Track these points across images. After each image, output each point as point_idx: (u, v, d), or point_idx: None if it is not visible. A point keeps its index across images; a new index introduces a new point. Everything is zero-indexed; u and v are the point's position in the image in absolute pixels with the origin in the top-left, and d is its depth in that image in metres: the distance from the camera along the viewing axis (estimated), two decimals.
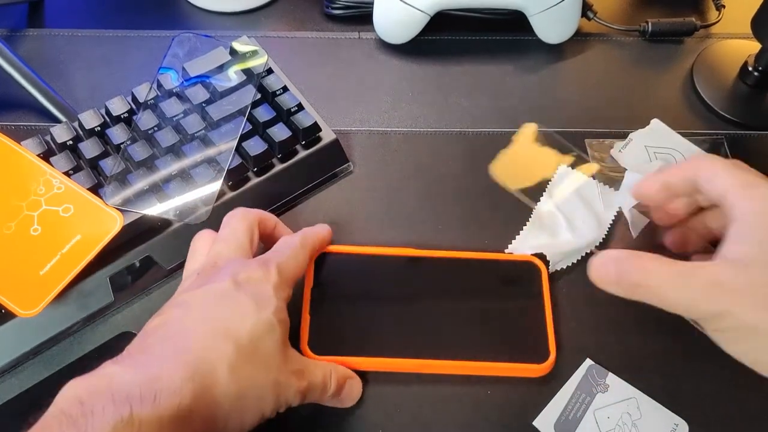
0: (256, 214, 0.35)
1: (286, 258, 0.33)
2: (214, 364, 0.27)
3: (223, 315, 0.29)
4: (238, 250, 0.33)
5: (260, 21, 0.51)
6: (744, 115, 0.46)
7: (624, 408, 0.34)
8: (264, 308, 0.30)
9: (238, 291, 0.30)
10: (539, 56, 0.50)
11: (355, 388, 0.34)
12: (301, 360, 0.31)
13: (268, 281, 0.31)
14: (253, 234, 0.34)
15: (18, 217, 0.35)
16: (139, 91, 0.40)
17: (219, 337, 0.28)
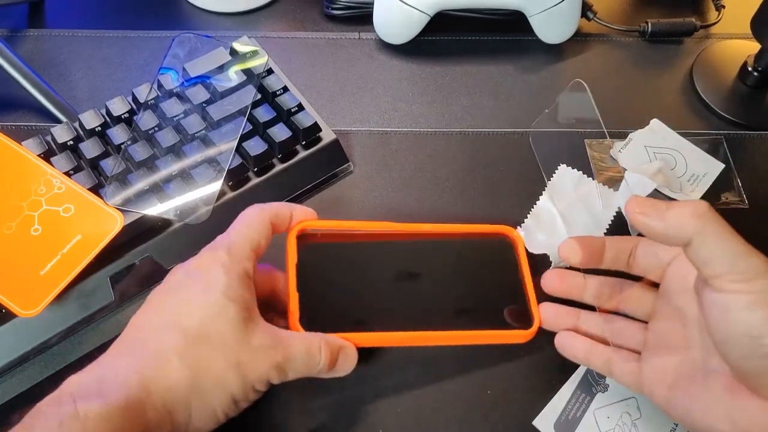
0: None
1: (236, 235, 0.32)
2: (165, 354, 0.28)
3: (173, 305, 0.30)
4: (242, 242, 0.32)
5: (260, 21, 0.51)
6: (743, 115, 0.46)
7: (624, 408, 0.34)
8: (212, 290, 0.29)
9: (186, 280, 0.30)
10: (539, 56, 0.50)
11: (349, 357, 0.32)
12: (273, 333, 0.30)
13: (215, 263, 0.30)
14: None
15: (18, 217, 0.35)
16: (139, 92, 0.40)
17: (164, 328, 0.29)
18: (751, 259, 0.27)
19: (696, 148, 0.44)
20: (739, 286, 0.27)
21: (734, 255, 0.27)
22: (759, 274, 0.27)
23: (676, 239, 0.28)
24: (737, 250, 0.27)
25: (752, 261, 0.27)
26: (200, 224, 0.37)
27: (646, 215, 0.29)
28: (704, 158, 0.44)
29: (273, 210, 0.34)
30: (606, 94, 0.48)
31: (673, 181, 0.42)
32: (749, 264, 0.27)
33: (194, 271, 0.31)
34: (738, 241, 0.28)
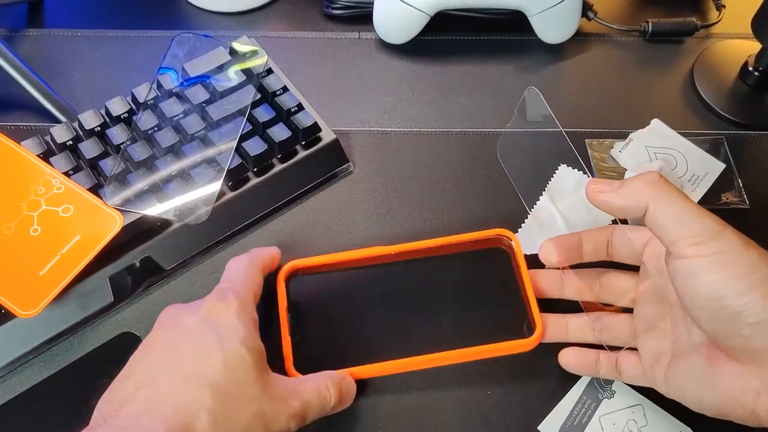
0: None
1: (239, 280, 0.32)
2: (192, 412, 0.27)
3: (190, 355, 0.28)
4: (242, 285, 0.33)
5: (260, 21, 0.51)
6: (744, 115, 0.46)
7: (630, 415, 0.34)
8: (230, 339, 0.29)
9: (201, 326, 0.29)
10: (539, 56, 0.50)
11: (351, 389, 0.33)
12: (285, 383, 0.30)
13: (228, 309, 0.30)
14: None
15: (18, 218, 0.35)
16: (139, 92, 0.40)
17: (191, 382, 0.27)
18: (703, 220, 0.28)
19: (697, 148, 0.44)
20: (695, 249, 0.27)
21: (686, 217, 0.28)
22: (712, 235, 0.27)
23: (634, 210, 0.29)
24: (689, 212, 0.28)
25: (704, 222, 0.28)
26: (200, 224, 0.37)
27: (603, 192, 0.30)
28: (705, 158, 0.44)
29: (261, 257, 0.35)
30: (606, 94, 0.48)
31: (674, 181, 0.42)
32: (701, 225, 0.28)
33: (207, 317, 0.30)
34: (690, 204, 0.28)
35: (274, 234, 0.40)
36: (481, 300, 0.36)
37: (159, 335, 0.30)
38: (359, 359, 0.34)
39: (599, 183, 0.31)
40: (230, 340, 0.29)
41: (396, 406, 0.34)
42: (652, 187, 0.29)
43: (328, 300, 0.36)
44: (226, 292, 0.31)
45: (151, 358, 0.29)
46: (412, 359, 0.34)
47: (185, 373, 0.28)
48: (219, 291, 0.32)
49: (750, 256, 0.27)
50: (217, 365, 0.28)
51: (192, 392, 0.27)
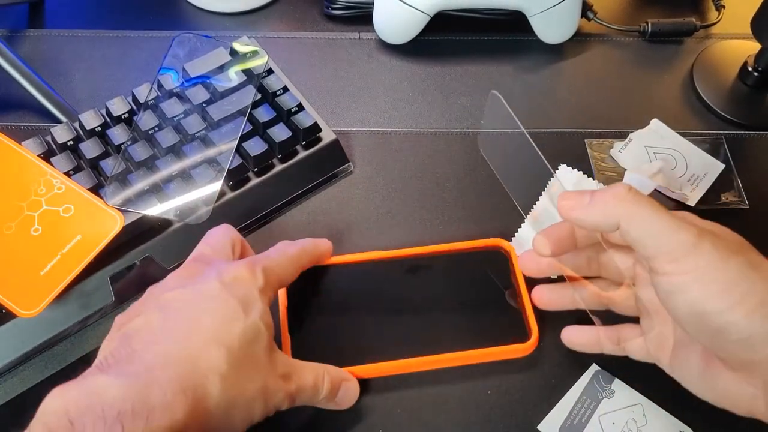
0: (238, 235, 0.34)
1: (274, 263, 0.32)
2: (206, 374, 0.27)
3: (212, 318, 0.28)
4: (221, 252, 0.32)
5: (260, 21, 0.51)
6: (744, 116, 0.46)
7: (629, 414, 0.34)
8: (251, 312, 0.29)
9: (224, 292, 0.29)
10: (539, 56, 0.50)
11: (351, 391, 0.33)
12: (288, 363, 0.31)
13: (254, 283, 0.30)
14: (236, 245, 0.33)
15: (18, 218, 0.35)
16: (139, 92, 0.40)
17: (209, 344, 0.27)
18: (677, 235, 0.26)
19: (696, 148, 0.44)
20: (671, 267, 0.26)
21: (659, 233, 0.27)
22: (687, 250, 0.26)
23: (605, 227, 0.28)
24: (661, 228, 0.27)
25: (678, 237, 0.26)
26: (200, 224, 0.37)
27: (573, 209, 0.29)
28: (704, 158, 0.44)
29: (310, 255, 0.35)
30: (606, 94, 0.48)
31: (673, 181, 0.42)
32: (676, 241, 0.26)
33: (232, 284, 0.29)
34: (662, 217, 0.27)
35: (275, 234, 0.40)
36: (479, 304, 0.36)
37: (183, 292, 0.29)
38: (358, 359, 0.34)
39: (569, 198, 0.29)
40: (252, 312, 0.29)
41: (396, 406, 0.34)
42: (621, 203, 0.27)
43: (328, 299, 0.36)
44: (257, 266, 0.31)
45: (171, 312, 0.28)
46: (408, 361, 0.34)
47: (205, 335, 0.27)
48: (252, 262, 0.31)
49: (728, 270, 0.26)
50: (236, 334, 0.28)
51: (210, 355, 0.27)
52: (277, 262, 0.32)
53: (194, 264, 0.31)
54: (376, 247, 0.38)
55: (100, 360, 0.27)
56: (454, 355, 0.34)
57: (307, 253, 0.34)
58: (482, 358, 0.35)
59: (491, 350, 0.35)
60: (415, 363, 0.34)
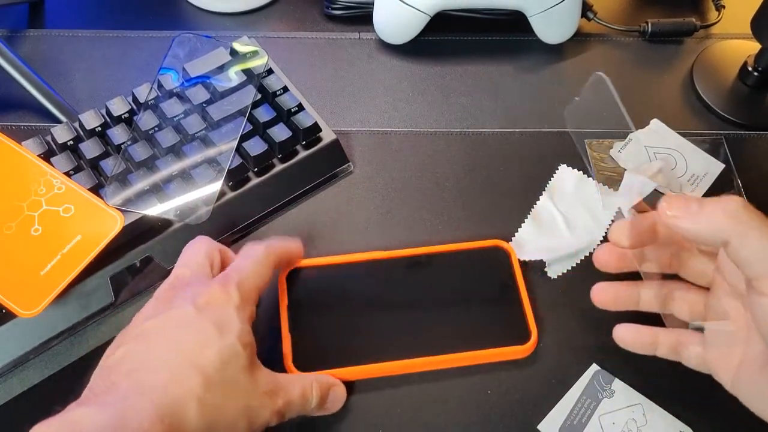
0: (215, 243, 0.34)
1: (246, 274, 0.32)
2: (183, 400, 0.27)
3: (186, 344, 0.28)
4: (198, 270, 0.32)
5: (260, 21, 0.51)
6: (744, 116, 0.46)
7: (629, 414, 0.34)
8: (227, 333, 0.29)
9: (199, 317, 0.29)
10: (539, 56, 0.50)
11: (338, 395, 0.33)
12: (273, 379, 0.30)
13: (229, 303, 0.30)
14: (214, 258, 0.33)
15: (19, 218, 0.35)
16: (139, 92, 0.40)
17: (184, 369, 0.27)
18: None
19: (696, 148, 0.44)
20: None
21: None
22: None
23: (712, 241, 0.27)
24: None
25: None
26: (200, 224, 0.37)
27: (677, 218, 0.28)
28: (704, 158, 0.44)
29: (278, 252, 0.34)
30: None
31: (674, 181, 0.42)
32: None
33: (206, 307, 0.29)
34: None
35: (275, 234, 0.40)
36: (479, 304, 0.36)
37: (159, 320, 0.29)
38: (358, 359, 0.34)
39: (674, 206, 0.27)
40: (227, 334, 0.29)
41: (396, 406, 0.34)
42: (735, 222, 0.26)
43: (328, 299, 0.36)
44: (230, 283, 0.31)
45: (148, 341, 0.29)
46: (408, 362, 0.34)
47: (180, 361, 0.28)
48: (224, 280, 0.31)
49: None
50: (212, 358, 0.28)
51: (185, 381, 0.27)
52: (249, 271, 0.32)
53: (170, 291, 0.31)
54: (376, 247, 0.38)
55: (83, 395, 0.28)
56: (454, 356, 0.34)
57: (276, 253, 0.34)
58: (482, 360, 0.35)
59: (491, 351, 0.35)
60: (415, 364, 0.34)
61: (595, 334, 0.36)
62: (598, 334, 0.36)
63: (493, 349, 0.35)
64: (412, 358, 0.34)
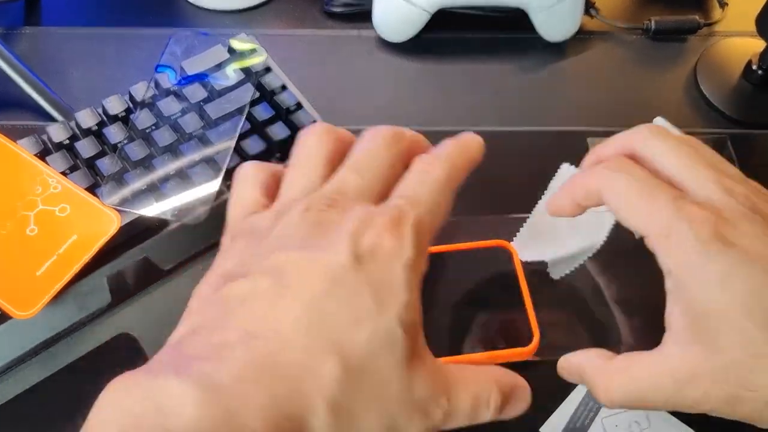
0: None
1: (426, 208, 0.22)
2: (311, 399, 0.19)
3: (332, 313, 0.20)
4: (372, 182, 0.23)
5: (259, 19, 0.51)
6: (748, 114, 0.46)
7: (632, 417, 0.34)
8: (387, 307, 0.20)
9: (356, 273, 0.20)
10: (541, 54, 0.49)
11: (522, 398, 0.25)
12: (437, 377, 0.21)
13: (399, 255, 0.21)
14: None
15: (14, 217, 0.35)
16: (136, 90, 0.40)
17: (323, 353, 0.19)
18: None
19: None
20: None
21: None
22: None
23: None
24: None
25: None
26: (198, 224, 0.37)
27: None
28: None
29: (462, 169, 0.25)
30: (609, 92, 0.47)
31: None
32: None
33: (369, 258, 0.20)
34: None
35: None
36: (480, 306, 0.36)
37: (302, 258, 0.20)
38: None
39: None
40: (387, 309, 0.20)
41: None
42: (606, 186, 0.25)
43: None
44: (405, 223, 0.21)
45: (282, 290, 0.20)
46: None
47: (320, 338, 0.19)
48: (398, 215, 0.21)
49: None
50: (360, 342, 0.19)
51: (320, 370, 0.19)
52: (429, 205, 0.22)
53: (329, 206, 0.22)
54: None
55: (182, 334, 0.20)
56: (454, 358, 0.34)
57: (456, 171, 0.25)
58: (483, 361, 0.35)
59: (493, 353, 0.34)
60: None
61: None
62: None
63: (495, 352, 0.34)
64: None
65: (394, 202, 0.22)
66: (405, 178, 0.23)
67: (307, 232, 0.21)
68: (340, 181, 0.23)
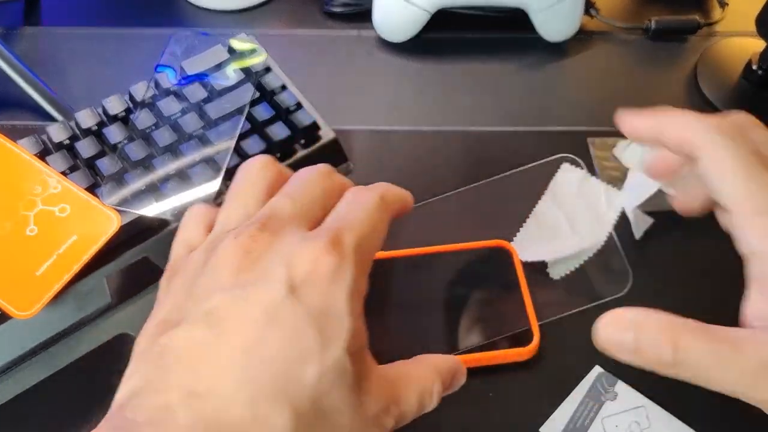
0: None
1: (363, 230, 0.21)
2: None
3: (274, 356, 0.19)
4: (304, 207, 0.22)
5: (259, 19, 0.51)
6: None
7: (633, 417, 0.34)
8: (333, 339, 0.19)
9: (293, 305, 0.19)
10: (541, 54, 0.49)
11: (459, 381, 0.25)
12: (384, 386, 0.21)
13: (340, 279, 0.20)
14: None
15: (14, 217, 0.34)
16: (136, 90, 0.40)
17: (270, 404, 0.18)
18: None
19: None
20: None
21: None
22: None
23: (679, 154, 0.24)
24: None
25: None
26: None
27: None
28: None
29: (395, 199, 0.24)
30: (609, 92, 0.47)
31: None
32: None
33: (304, 286, 0.19)
34: None
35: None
36: (480, 306, 0.36)
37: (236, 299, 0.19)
38: None
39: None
40: (333, 342, 0.19)
41: None
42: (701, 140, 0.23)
43: None
44: (342, 244, 0.20)
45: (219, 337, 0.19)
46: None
47: (264, 387, 0.18)
48: (334, 237, 0.20)
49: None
50: (308, 383, 0.18)
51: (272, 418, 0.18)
52: (366, 227, 0.21)
53: (261, 233, 0.21)
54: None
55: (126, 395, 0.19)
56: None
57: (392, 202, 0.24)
58: (483, 362, 0.35)
59: (492, 353, 0.34)
60: None
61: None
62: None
63: (495, 351, 0.34)
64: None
65: (328, 225, 0.22)
66: (338, 206, 0.23)
67: (239, 263, 0.20)
68: (271, 206, 0.23)
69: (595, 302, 0.37)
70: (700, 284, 0.38)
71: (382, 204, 0.23)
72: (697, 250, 0.40)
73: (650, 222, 0.40)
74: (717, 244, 0.40)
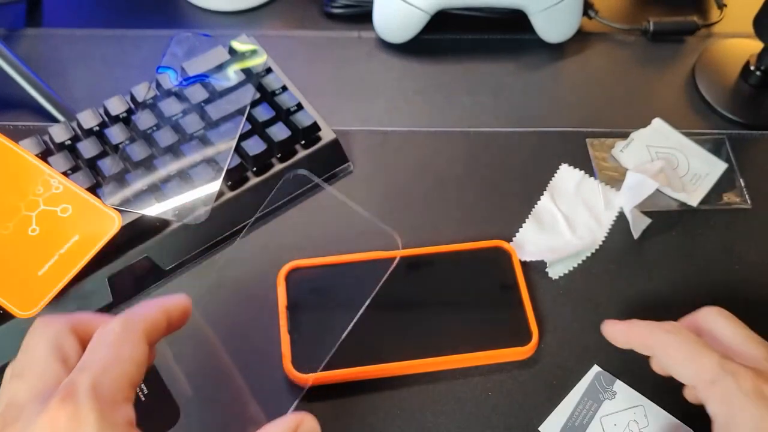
0: (65, 320, 0.25)
1: (101, 367, 0.22)
2: None
3: None
4: (40, 381, 0.23)
5: (259, 20, 0.51)
6: (746, 115, 0.46)
7: (631, 415, 0.34)
8: None
9: None
10: (540, 55, 0.49)
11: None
12: None
13: (82, 426, 0.21)
14: (64, 347, 0.24)
15: (16, 218, 0.35)
16: (137, 91, 0.40)
17: None
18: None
19: (698, 147, 0.44)
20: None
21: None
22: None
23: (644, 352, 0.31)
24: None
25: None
26: (199, 224, 0.37)
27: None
28: (706, 158, 0.43)
29: (145, 320, 0.24)
30: (608, 94, 0.48)
31: (675, 180, 0.42)
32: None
33: None
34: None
35: (274, 234, 0.40)
36: (480, 306, 0.36)
37: None
38: (357, 360, 0.34)
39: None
40: None
41: (396, 408, 0.34)
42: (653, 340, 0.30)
43: (328, 297, 0.36)
44: (76, 395, 0.21)
45: None
46: (408, 363, 0.34)
47: None
48: (66, 393, 0.21)
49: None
50: None
51: None
52: (105, 363, 0.22)
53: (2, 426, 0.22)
54: (375, 248, 0.38)
55: None
56: (454, 358, 0.34)
57: (141, 322, 0.24)
58: (483, 361, 0.35)
59: (492, 353, 0.34)
60: (415, 365, 0.34)
61: (597, 335, 0.36)
62: (600, 335, 0.36)
63: (494, 351, 0.34)
64: (413, 359, 0.34)
65: (68, 378, 0.22)
66: (87, 349, 0.24)
67: None
68: (6, 395, 0.23)
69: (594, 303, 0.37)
70: (697, 282, 0.39)
71: (122, 332, 0.24)
72: (695, 249, 0.40)
73: (648, 222, 0.40)
74: (713, 243, 0.40)
